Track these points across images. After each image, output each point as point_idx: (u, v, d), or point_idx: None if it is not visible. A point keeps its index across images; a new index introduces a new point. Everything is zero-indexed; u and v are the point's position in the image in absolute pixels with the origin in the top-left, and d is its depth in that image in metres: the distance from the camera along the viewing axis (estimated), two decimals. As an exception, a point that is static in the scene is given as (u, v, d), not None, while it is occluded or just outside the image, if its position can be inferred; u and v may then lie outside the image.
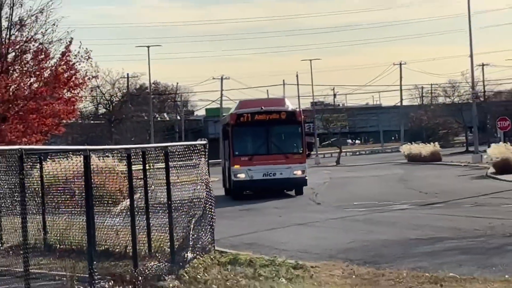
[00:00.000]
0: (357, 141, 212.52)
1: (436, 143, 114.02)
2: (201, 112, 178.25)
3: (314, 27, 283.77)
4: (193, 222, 26.37)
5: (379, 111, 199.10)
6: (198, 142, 31.68)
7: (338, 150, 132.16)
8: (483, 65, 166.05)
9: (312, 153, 58.66)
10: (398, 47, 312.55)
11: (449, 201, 47.17)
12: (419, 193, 56.97)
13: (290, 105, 58.84)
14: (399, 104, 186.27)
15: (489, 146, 79.22)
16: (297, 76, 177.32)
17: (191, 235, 26.02)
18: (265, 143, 48.32)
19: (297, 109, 50.52)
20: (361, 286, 21.27)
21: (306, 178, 47.98)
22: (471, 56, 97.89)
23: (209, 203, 28.47)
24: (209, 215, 28.42)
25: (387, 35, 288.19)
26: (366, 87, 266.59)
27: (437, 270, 22.86)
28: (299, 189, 50.07)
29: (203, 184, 27.90)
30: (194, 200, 26.97)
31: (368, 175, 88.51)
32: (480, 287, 19.38)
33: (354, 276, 22.80)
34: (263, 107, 48.09)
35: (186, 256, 24.80)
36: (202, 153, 28.89)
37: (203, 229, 27.66)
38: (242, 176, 45.35)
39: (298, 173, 46.35)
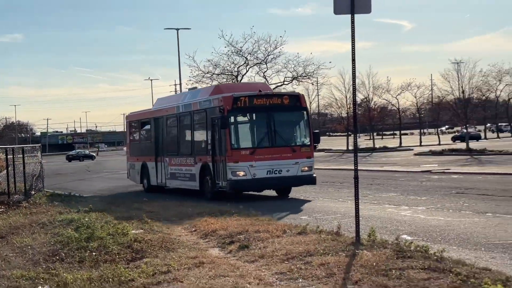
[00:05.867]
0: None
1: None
2: (38, 133, 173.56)
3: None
4: (34, 178, 27.64)
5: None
6: (36, 145, 33.17)
7: None
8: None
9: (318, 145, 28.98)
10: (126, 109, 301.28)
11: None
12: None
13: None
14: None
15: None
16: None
17: (33, 184, 27.20)
18: (268, 133, 24.17)
19: (301, 93, 26.14)
20: (107, 203, 22.12)
21: (315, 176, 24.33)
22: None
23: (42, 170, 29.67)
24: (42, 175, 29.67)
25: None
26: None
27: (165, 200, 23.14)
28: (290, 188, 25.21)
29: (38, 163, 29.33)
30: (34, 169, 28.38)
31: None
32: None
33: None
34: (261, 90, 24.53)
35: (31, 193, 25.90)
36: (38, 150, 30.99)
37: (39, 181, 28.68)
38: (241, 174, 23.13)
39: (306, 169, 24.01)
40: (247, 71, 47.74)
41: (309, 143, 22.70)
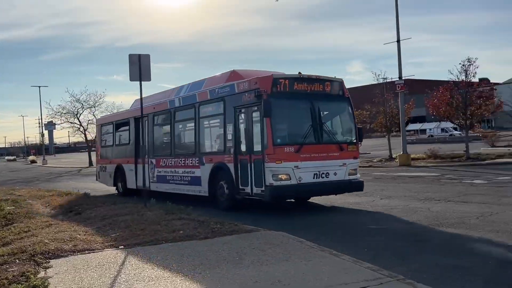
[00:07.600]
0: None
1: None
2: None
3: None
4: None
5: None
6: None
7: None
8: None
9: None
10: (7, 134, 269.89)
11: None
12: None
13: None
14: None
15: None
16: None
17: None
18: (313, 126, 9.11)
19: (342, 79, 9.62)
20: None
21: (362, 180, 9.97)
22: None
23: None
24: None
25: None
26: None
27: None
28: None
29: None
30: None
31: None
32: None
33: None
34: (301, 73, 9.19)
35: None
36: None
37: None
38: (285, 177, 8.54)
39: (352, 172, 9.60)
40: (83, 111, 47.83)
41: (355, 140, 10.89)
